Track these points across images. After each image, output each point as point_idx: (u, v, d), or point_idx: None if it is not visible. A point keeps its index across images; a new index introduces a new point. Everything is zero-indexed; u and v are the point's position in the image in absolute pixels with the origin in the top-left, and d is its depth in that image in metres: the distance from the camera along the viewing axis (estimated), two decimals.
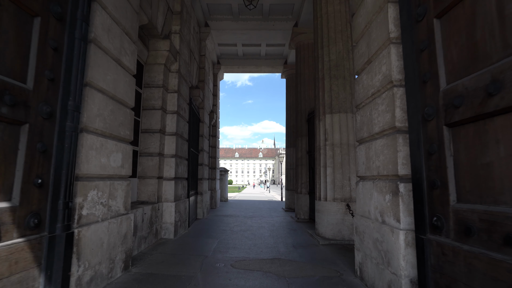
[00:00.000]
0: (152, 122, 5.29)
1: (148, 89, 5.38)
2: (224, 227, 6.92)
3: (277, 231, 6.52)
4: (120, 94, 3.23)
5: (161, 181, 5.35)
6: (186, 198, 6.41)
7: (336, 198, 5.48)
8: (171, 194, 5.40)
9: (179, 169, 5.85)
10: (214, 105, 12.09)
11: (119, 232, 3.13)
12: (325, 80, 5.94)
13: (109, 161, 2.99)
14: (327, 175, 5.64)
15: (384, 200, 2.73)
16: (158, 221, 5.09)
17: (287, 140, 11.93)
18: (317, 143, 6.06)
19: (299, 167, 8.76)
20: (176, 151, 5.61)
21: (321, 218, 5.62)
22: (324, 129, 5.86)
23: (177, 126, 5.73)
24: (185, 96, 6.39)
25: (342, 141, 5.62)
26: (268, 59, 12.26)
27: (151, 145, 5.23)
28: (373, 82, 3.05)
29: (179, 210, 5.69)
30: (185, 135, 6.33)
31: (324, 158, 5.78)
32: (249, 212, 10.24)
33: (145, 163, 5.18)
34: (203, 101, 8.84)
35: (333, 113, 5.75)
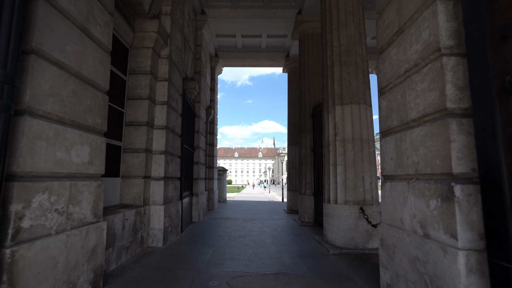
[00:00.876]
0: (138, 113, 4.63)
1: (134, 76, 4.71)
2: (221, 232, 6.25)
3: (280, 236, 5.86)
4: (87, 72, 2.57)
5: (148, 181, 4.69)
6: (179, 200, 5.75)
7: (348, 200, 4.82)
8: (160, 196, 4.74)
9: (170, 168, 5.19)
10: (212, 100, 11.42)
11: (85, 246, 2.47)
12: (334, 67, 5.27)
13: (70, 155, 2.33)
14: (338, 174, 4.98)
15: (427, 207, 2.07)
16: (144, 227, 4.43)
17: (289, 138, 11.27)
18: (325, 139, 5.39)
19: (303, 166, 8.10)
20: (166, 147, 4.95)
21: (331, 223, 4.96)
22: (333, 123, 5.20)
23: (168, 119, 5.06)
24: (177, 86, 5.72)
25: (354, 136, 4.96)
26: (269, 51, 11.59)
27: (136, 140, 4.56)
28: (408, 56, 2.39)
29: (169, 214, 5.02)
30: (177, 130, 5.66)
31: (334, 155, 5.12)
32: (249, 215, 9.58)
33: (130, 160, 4.51)
34: (199, 94, 8.18)
35: (344, 104, 5.09)
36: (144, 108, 4.64)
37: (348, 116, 5.04)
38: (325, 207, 5.21)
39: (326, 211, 5.16)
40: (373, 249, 4.58)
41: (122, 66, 4.57)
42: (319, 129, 7.67)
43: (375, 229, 4.71)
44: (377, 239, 4.73)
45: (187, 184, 7.03)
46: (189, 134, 7.26)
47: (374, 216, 4.80)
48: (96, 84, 2.73)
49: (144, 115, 4.63)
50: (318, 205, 7.39)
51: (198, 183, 7.83)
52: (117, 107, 4.41)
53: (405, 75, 2.44)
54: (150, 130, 4.77)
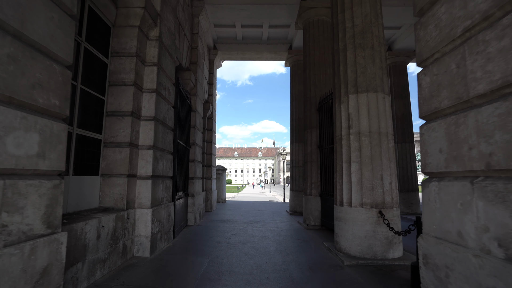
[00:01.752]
0: (122, 102, 3.98)
1: (117, 58, 4.06)
2: (219, 237, 5.60)
3: (285, 243, 5.21)
4: (36, 35, 1.92)
5: (134, 181, 4.04)
6: (171, 201, 5.10)
7: (364, 203, 4.17)
8: (147, 198, 4.09)
9: (160, 165, 4.54)
10: (210, 95, 10.77)
11: (28, 269, 1.82)
12: (347, 51, 4.63)
13: (4, 145, 1.68)
14: (352, 172, 4.34)
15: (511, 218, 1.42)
16: (127, 235, 3.78)
17: (292, 135, 10.62)
18: (337, 133, 4.75)
19: (308, 164, 7.45)
20: (154, 141, 4.30)
21: (344, 228, 4.31)
22: (347, 114, 4.55)
23: (157, 109, 4.42)
24: (169, 74, 5.07)
25: (371, 128, 4.32)
26: (270, 44, 10.93)
27: (119, 133, 3.91)
28: (470, 9, 1.74)
29: (158, 218, 4.38)
30: (169, 123, 5.01)
31: (347, 151, 4.47)
32: (249, 216, 8.94)
33: (111, 156, 3.87)
34: (196, 86, 7.53)
35: (359, 92, 4.44)
36: (128, 96, 4.00)
37: (363, 106, 4.40)
38: (337, 210, 4.56)
39: (338, 215, 4.52)
40: (394, 260, 3.94)
41: (103, 47, 3.92)
42: (326, 124, 7.04)
43: (396, 237, 4.07)
44: (398, 248, 4.09)
45: (182, 184, 6.38)
46: (184, 129, 6.62)
47: (395, 221, 4.15)
48: (52, 53, 2.09)
49: (129, 103, 3.98)
50: (325, 207, 6.75)
51: (194, 182, 7.19)
52: (97, 94, 3.76)
53: (464, 36, 1.79)
54: (136, 122, 4.12)
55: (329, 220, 6.43)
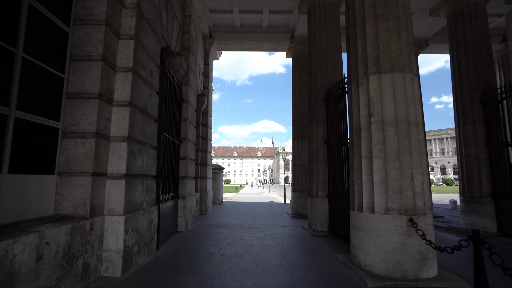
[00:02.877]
0: (86, 81, 3.15)
1: (81, 27, 3.23)
2: (212, 247, 4.78)
3: (290, 254, 4.40)
4: None
5: (101, 181, 3.21)
6: (153, 205, 4.27)
7: (390, 208, 3.36)
8: (119, 202, 3.26)
9: (138, 162, 3.71)
10: (205, 87, 9.94)
11: None
12: (366, 23, 3.81)
13: None
14: (374, 171, 3.52)
15: None
16: (91, 250, 2.95)
17: (294, 131, 9.81)
18: (353, 122, 3.93)
19: (314, 162, 6.64)
20: (130, 131, 3.47)
21: (364, 240, 3.50)
22: (366, 99, 3.74)
23: (134, 93, 3.58)
24: (152, 54, 4.24)
25: (398, 116, 3.50)
26: (271, 32, 10.11)
27: (82, 120, 3.08)
28: None
29: (135, 227, 3.55)
30: (151, 111, 4.18)
31: (367, 144, 3.66)
32: (248, 220, 8.11)
33: (72, 149, 3.03)
34: (188, 74, 6.70)
35: (382, 72, 3.63)
36: (95, 74, 3.16)
37: (388, 89, 3.58)
38: (354, 216, 3.75)
39: (356, 223, 3.70)
40: (429, 281, 3.13)
41: (63, 12, 3.09)
42: (334, 117, 6.24)
43: (430, 251, 3.25)
44: (433, 265, 3.28)
45: (170, 184, 5.55)
46: (173, 121, 5.79)
47: (428, 230, 3.34)
48: None
49: (95, 83, 3.15)
50: (334, 211, 5.94)
51: (186, 182, 6.36)
52: (52, 69, 2.93)
53: None
54: (106, 107, 3.29)
55: (338, 226, 5.62)
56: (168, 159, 5.39)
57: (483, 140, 6.59)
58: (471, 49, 6.93)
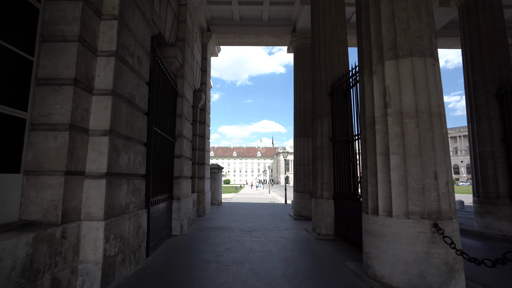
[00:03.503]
0: (60, 65, 2.71)
1: (55, 3, 2.79)
2: (208, 254, 4.34)
3: (294, 262, 3.96)
4: None
5: (77, 180, 2.77)
6: (142, 208, 3.83)
7: (411, 212, 2.93)
8: (98, 205, 2.83)
9: (123, 159, 3.27)
10: (203, 83, 9.50)
11: None
12: (381, 2, 3.38)
13: None
14: (392, 169, 3.09)
15: None
16: (62, 263, 2.51)
17: (296, 129, 9.38)
18: (366, 114, 3.49)
19: (318, 160, 6.20)
20: (113, 124, 3.03)
21: (380, 247, 3.06)
22: (381, 88, 3.30)
23: (118, 80, 3.15)
24: (141, 39, 3.81)
25: (419, 106, 3.07)
26: (271, 25, 9.68)
27: (55, 110, 2.65)
28: None
29: (119, 234, 3.11)
30: (139, 103, 3.74)
31: (383, 138, 3.22)
32: (248, 222, 7.67)
33: (42, 144, 2.60)
34: (183, 67, 6.26)
35: (400, 57, 3.19)
36: (70, 57, 2.73)
37: (407, 76, 3.15)
38: (368, 220, 3.31)
39: (370, 228, 3.27)
40: None
41: None
42: (340, 112, 5.81)
43: (458, 261, 2.82)
44: (461, 277, 2.84)
45: (163, 184, 5.11)
46: (166, 116, 5.35)
47: (455, 237, 2.91)
48: None
49: (70, 67, 2.71)
50: (340, 213, 5.51)
51: (181, 183, 5.92)
52: (19, 51, 2.50)
53: None
54: (83, 95, 2.85)
55: (346, 230, 5.19)
56: (160, 157, 4.96)
57: (499, 137, 6.16)
58: (485, 40, 6.50)
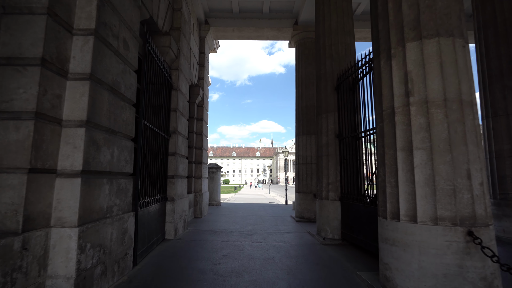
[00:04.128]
0: (24, 42, 2.27)
1: None
2: (203, 262, 3.90)
3: (300, 272, 3.53)
4: None
5: (46, 179, 2.33)
6: (129, 211, 3.38)
7: (441, 217, 2.50)
8: (72, 208, 2.39)
9: (104, 155, 2.83)
10: (201, 78, 9.06)
11: None
12: None
13: None
14: (416, 166, 2.66)
15: None
16: (24, 280, 2.06)
17: (298, 126, 8.95)
18: (384, 105, 3.06)
19: (323, 159, 5.77)
20: (92, 113, 2.60)
21: (402, 258, 2.63)
22: (402, 74, 2.87)
23: (98, 63, 2.71)
24: (128, 20, 3.37)
25: (447, 94, 2.64)
26: (272, 18, 9.24)
27: (18, 95, 2.21)
28: None
29: (99, 242, 2.67)
30: (125, 92, 3.30)
31: (404, 131, 2.79)
32: (248, 224, 7.24)
33: (1, 136, 2.16)
34: (179, 58, 5.82)
35: (425, 38, 2.76)
36: (37, 33, 2.29)
37: (433, 59, 2.72)
38: (387, 226, 2.88)
39: (388, 235, 2.84)
40: None
41: None
42: (347, 107, 5.39)
43: (496, 276, 2.39)
44: None
45: (155, 184, 4.68)
46: (160, 110, 4.91)
47: (493, 247, 2.48)
48: None
49: (37, 45, 2.27)
50: (348, 215, 5.08)
51: (176, 182, 5.48)
52: None
53: None
54: (55, 79, 2.41)
55: (354, 234, 4.76)
56: (152, 155, 4.52)
57: None
58: (503, 30, 6.08)
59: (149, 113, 4.40)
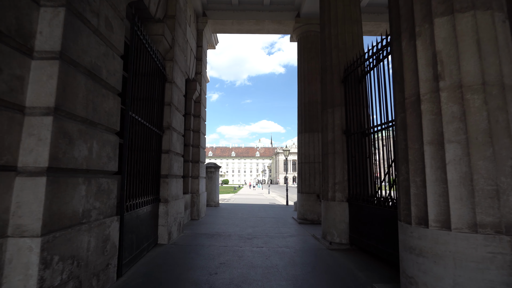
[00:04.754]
0: None
1: None
2: (198, 272, 3.48)
3: (308, 284, 3.10)
4: None
5: (3, 178, 1.90)
6: (112, 215, 2.95)
7: (481, 223, 2.08)
8: (35, 214, 1.96)
9: (80, 149, 2.41)
10: (198, 73, 8.64)
11: None
12: None
13: None
14: (448, 163, 2.24)
15: None
16: None
17: (300, 124, 8.54)
18: (407, 92, 2.64)
19: (329, 157, 5.36)
20: (62, 99, 2.17)
21: (433, 271, 2.21)
22: (430, 54, 2.45)
23: (71, 42, 2.28)
24: None
25: (486, 77, 2.22)
26: (273, 10, 8.83)
27: None
28: None
29: (71, 253, 2.24)
30: (109, 79, 2.87)
31: (433, 122, 2.37)
32: (247, 227, 6.82)
33: None
34: (173, 49, 5.40)
35: (457, 12, 2.34)
36: None
37: (467, 36, 2.30)
38: (411, 233, 2.46)
39: (413, 243, 2.42)
40: None
41: None
42: (355, 101, 4.99)
43: None
44: None
45: (146, 184, 4.25)
46: (152, 104, 4.49)
47: None
48: None
49: None
50: (357, 218, 4.66)
51: (170, 182, 5.05)
52: None
53: None
54: (15, 57, 1.99)
55: (365, 238, 4.34)
56: (143, 152, 4.10)
57: None
58: None
59: (139, 106, 3.98)
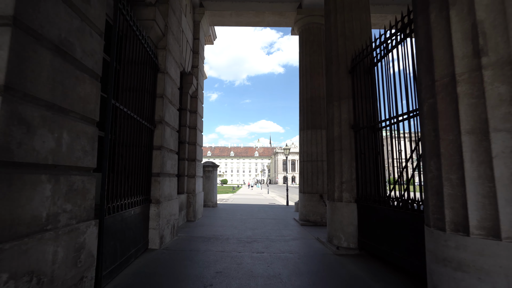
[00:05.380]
0: None
1: None
2: (191, 284, 3.04)
3: None
4: None
5: None
6: (89, 219, 2.52)
7: None
8: None
9: (43, 140, 1.97)
10: (195, 67, 8.20)
11: None
12: None
13: None
14: (496, 156, 1.82)
15: None
16: None
17: (302, 120, 8.12)
18: (437, 72, 2.21)
19: (335, 154, 4.94)
20: (13, 75, 1.74)
21: None
22: (468, 26, 2.03)
23: (28, 6, 1.85)
24: None
25: None
26: (274, 1, 8.39)
27: None
28: None
29: (29, 269, 1.81)
30: (84, 59, 2.44)
31: (474, 106, 1.95)
32: (247, 229, 6.39)
33: None
34: (166, 37, 4.97)
35: None
36: None
37: None
38: (446, 242, 2.04)
39: (448, 254, 2.00)
40: None
41: None
42: (364, 93, 4.60)
43: None
44: None
45: (135, 183, 3.82)
46: (141, 95, 4.06)
47: None
48: None
49: None
50: (367, 220, 4.25)
51: (162, 182, 4.62)
52: None
53: None
54: None
55: (377, 244, 3.93)
56: (132, 147, 3.67)
57: None
58: None
59: (128, 97, 3.55)
